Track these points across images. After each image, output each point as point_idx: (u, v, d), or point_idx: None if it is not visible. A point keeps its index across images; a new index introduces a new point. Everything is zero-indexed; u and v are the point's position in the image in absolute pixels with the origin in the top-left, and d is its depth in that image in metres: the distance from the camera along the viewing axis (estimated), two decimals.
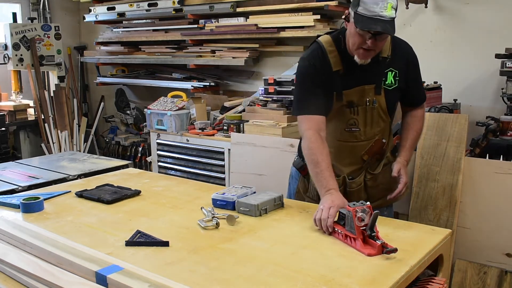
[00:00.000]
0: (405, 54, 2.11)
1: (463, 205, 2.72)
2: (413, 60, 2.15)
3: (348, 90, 2.03)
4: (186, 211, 2.01)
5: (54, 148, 5.20)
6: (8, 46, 5.10)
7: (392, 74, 2.07)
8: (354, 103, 2.04)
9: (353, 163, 2.12)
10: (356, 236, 1.59)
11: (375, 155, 2.12)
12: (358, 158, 2.11)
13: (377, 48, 1.94)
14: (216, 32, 4.31)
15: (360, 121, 2.07)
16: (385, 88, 2.06)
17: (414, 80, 2.16)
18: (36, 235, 1.66)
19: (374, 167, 2.14)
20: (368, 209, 1.62)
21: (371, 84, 2.03)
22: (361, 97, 2.04)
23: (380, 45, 1.95)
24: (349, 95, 2.04)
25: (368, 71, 2.02)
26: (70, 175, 2.73)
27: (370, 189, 2.14)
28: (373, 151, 2.11)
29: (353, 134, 2.09)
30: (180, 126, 3.98)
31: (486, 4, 3.21)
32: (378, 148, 2.12)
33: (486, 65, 3.21)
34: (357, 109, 2.05)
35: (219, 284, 1.37)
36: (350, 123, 2.07)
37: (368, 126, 2.08)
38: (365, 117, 2.06)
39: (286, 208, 2.02)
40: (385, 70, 2.06)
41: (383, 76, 2.05)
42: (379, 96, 2.05)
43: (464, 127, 2.76)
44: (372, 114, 2.06)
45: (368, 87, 2.04)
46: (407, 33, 3.55)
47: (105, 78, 5.45)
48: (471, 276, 2.68)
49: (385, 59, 2.04)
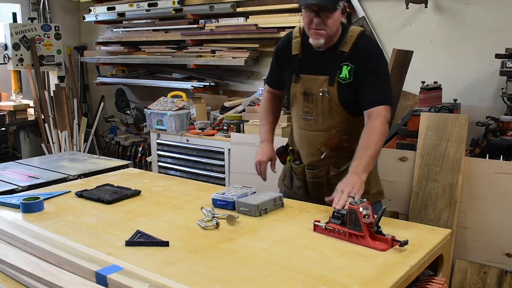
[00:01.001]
0: (366, 52, 2.09)
1: (463, 205, 2.72)
2: (373, 59, 2.09)
3: (304, 75, 2.16)
4: (186, 211, 2.01)
5: (54, 148, 5.20)
6: (8, 46, 5.10)
7: (348, 69, 2.08)
8: (309, 91, 2.15)
9: (312, 154, 2.20)
10: (363, 234, 1.59)
11: (334, 149, 2.15)
12: (316, 149, 2.18)
13: (326, 27, 2.02)
14: (216, 32, 4.31)
15: (313, 110, 2.16)
16: (339, 81, 2.09)
17: (366, 78, 2.06)
18: (36, 235, 1.66)
19: (339, 164, 2.16)
20: (368, 205, 1.63)
21: (326, 75, 2.11)
22: (315, 86, 2.13)
23: (328, 23, 2.01)
24: (305, 80, 2.16)
25: (324, 61, 2.12)
26: (70, 175, 2.73)
27: (333, 186, 2.06)
28: (330, 144, 2.16)
29: (308, 122, 2.19)
30: (180, 126, 3.98)
31: (486, 4, 3.21)
32: (335, 142, 2.15)
33: (486, 65, 3.21)
34: (311, 98, 2.15)
35: (219, 284, 1.37)
36: (305, 111, 2.19)
37: (321, 117, 2.15)
38: (318, 106, 2.14)
39: (286, 208, 2.02)
40: (341, 64, 2.09)
41: (338, 69, 2.09)
42: (332, 88, 2.10)
43: (464, 127, 2.76)
44: (325, 104, 2.12)
45: (323, 77, 2.12)
46: (407, 33, 3.56)
47: (105, 78, 5.45)
48: (471, 276, 2.68)
49: (342, 52, 2.09)
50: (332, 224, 1.70)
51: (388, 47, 3.55)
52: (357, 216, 1.60)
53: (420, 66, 3.42)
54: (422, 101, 3.05)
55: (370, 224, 1.61)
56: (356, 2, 3.68)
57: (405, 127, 3.05)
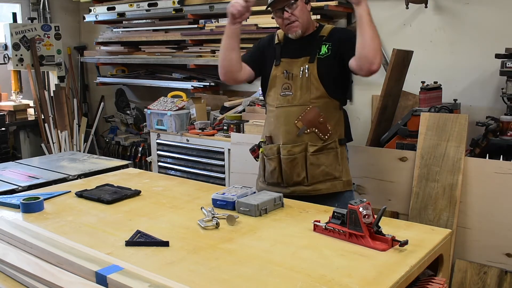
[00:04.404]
0: (342, 31, 2.41)
1: (463, 205, 2.72)
2: (350, 32, 2.30)
3: (285, 58, 2.35)
4: (186, 211, 2.01)
5: (54, 148, 5.20)
6: (8, 46, 5.10)
7: (326, 46, 2.31)
8: (289, 70, 2.33)
9: (289, 132, 2.31)
10: (363, 234, 1.59)
11: (310, 125, 2.27)
12: (292, 126, 2.30)
13: (296, 17, 2.27)
14: (216, 32, 4.31)
15: (293, 86, 2.32)
16: (319, 58, 2.30)
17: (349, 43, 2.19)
18: (36, 235, 1.66)
19: (315, 143, 2.29)
20: (368, 205, 1.63)
21: (306, 56, 2.32)
22: (295, 67, 2.32)
23: (297, 13, 2.27)
24: (285, 63, 2.35)
25: (304, 45, 2.33)
26: (70, 175, 2.73)
27: (311, 167, 2.29)
28: (307, 119, 2.28)
29: (286, 98, 2.33)
30: (180, 126, 3.98)
31: (486, 4, 3.21)
32: (312, 117, 2.28)
33: (486, 65, 3.21)
34: (291, 75, 2.32)
35: (219, 284, 1.37)
36: (284, 87, 2.34)
37: (300, 91, 2.29)
38: (297, 82, 2.31)
39: (286, 208, 2.02)
40: (320, 44, 2.32)
41: (318, 48, 2.31)
42: (312, 64, 2.29)
43: (464, 127, 2.76)
44: (304, 80, 2.29)
45: (302, 58, 2.32)
46: (407, 33, 3.56)
47: (105, 78, 5.45)
48: (471, 276, 2.68)
49: (322, 37, 2.33)
50: (332, 224, 1.70)
51: (388, 47, 3.55)
52: (357, 216, 1.60)
53: (420, 66, 3.42)
54: (422, 101, 3.05)
55: (370, 224, 1.61)
56: None
57: (405, 127, 3.05)
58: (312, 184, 2.31)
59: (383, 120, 3.28)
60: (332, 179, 2.31)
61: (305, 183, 2.32)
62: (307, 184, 2.32)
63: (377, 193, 2.99)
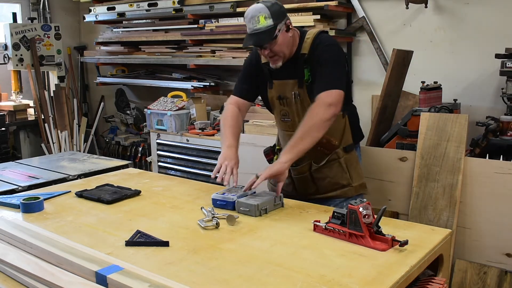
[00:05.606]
0: (319, 49, 2.16)
1: (463, 205, 2.72)
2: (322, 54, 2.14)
3: (276, 80, 2.26)
4: (186, 211, 2.01)
5: (54, 148, 5.20)
6: (8, 46, 5.10)
7: (308, 70, 2.20)
8: (283, 95, 2.26)
9: None
10: (363, 234, 1.59)
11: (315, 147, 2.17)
12: None
13: (276, 52, 2.14)
14: (216, 32, 4.31)
15: (290, 112, 2.27)
16: (305, 82, 2.20)
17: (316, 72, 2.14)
18: (36, 235, 1.66)
19: (319, 160, 2.27)
20: (368, 205, 1.63)
21: (294, 79, 2.22)
22: (287, 89, 2.24)
23: (276, 49, 2.13)
24: (277, 85, 2.27)
25: (290, 66, 2.21)
26: (70, 175, 2.73)
27: (318, 180, 2.30)
28: None
29: (286, 124, 2.31)
30: (180, 126, 3.98)
31: (486, 4, 3.21)
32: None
33: (486, 65, 3.21)
34: (286, 101, 2.27)
35: (219, 284, 1.37)
36: (283, 114, 2.31)
37: (297, 118, 2.23)
38: (293, 108, 2.25)
39: (286, 208, 2.02)
40: (303, 67, 2.20)
41: (302, 72, 2.20)
42: (302, 90, 2.21)
43: (464, 127, 2.76)
44: (299, 106, 2.23)
45: (292, 81, 2.22)
46: (407, 33, 3.56)
47: (105, 78, 5.45)
48: (471, 276, 2.68)
49: (303, 55, 2.19)
50: (332, 224, 1.70)
51: (388, 47, 3.55)
52: (357, 216, 1.60)
53: (420, 66, 3.42)
54: (422, 101, 3.05)
55: (370, 224, 1.61)
56: (356, 2, 3.68)
57: (405, 127, 3.05)
58: (323, 193, 2.32)
59: (383, 120, 3.28)
60: (341, 187, 2.30)
61: (317, 194, 2.34)
62: (320, 194, 2.33)
63: (377, 193, 2.99)
